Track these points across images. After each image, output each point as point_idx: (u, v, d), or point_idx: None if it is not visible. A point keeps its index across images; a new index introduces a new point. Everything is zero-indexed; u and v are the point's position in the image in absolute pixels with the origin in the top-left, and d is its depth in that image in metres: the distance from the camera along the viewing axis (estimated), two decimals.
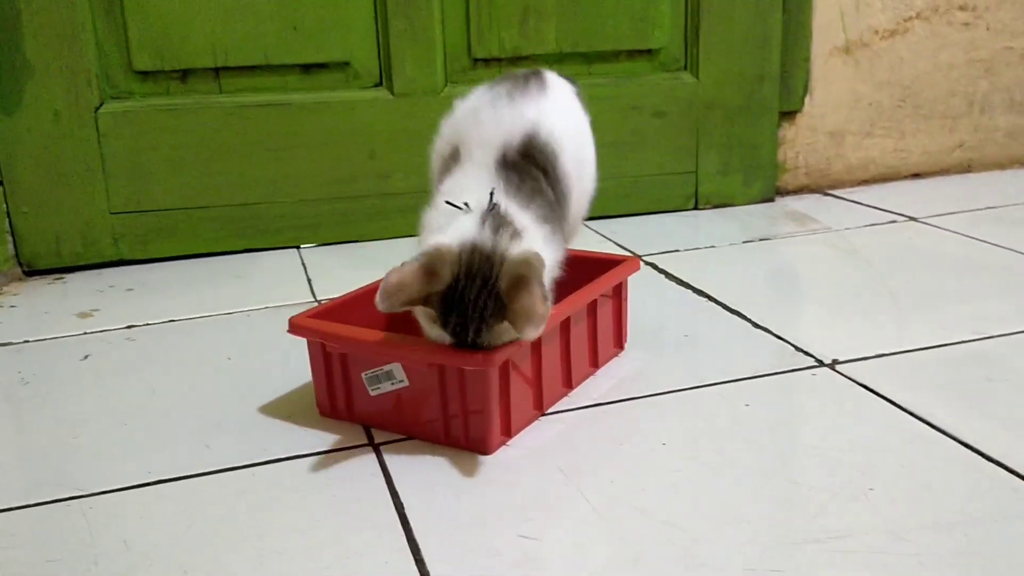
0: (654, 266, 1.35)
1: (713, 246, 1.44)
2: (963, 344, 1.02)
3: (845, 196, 1.71)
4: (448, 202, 0.84)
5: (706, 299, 1.19)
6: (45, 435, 0.92)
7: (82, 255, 1.46)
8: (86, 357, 1.12)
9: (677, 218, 1.63)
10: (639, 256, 1.40)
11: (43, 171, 1.42)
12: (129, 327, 1.21)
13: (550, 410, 0.90)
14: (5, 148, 1.40)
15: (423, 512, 0.75)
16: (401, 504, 0.76)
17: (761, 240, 1.46)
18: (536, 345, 0.86)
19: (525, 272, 0.75)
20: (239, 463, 0.84)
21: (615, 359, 1.02)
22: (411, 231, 1.52)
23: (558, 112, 0.92)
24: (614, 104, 1.59)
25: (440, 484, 0.79)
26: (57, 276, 1.45)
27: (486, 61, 1.55)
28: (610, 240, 1.50)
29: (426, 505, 0.76)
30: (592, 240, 1.50)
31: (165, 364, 1.08)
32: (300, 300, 1.27)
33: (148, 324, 1.22)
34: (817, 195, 1.73)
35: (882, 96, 1.73)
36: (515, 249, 0.78)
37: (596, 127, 1.38)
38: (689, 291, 1.23)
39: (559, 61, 1.57)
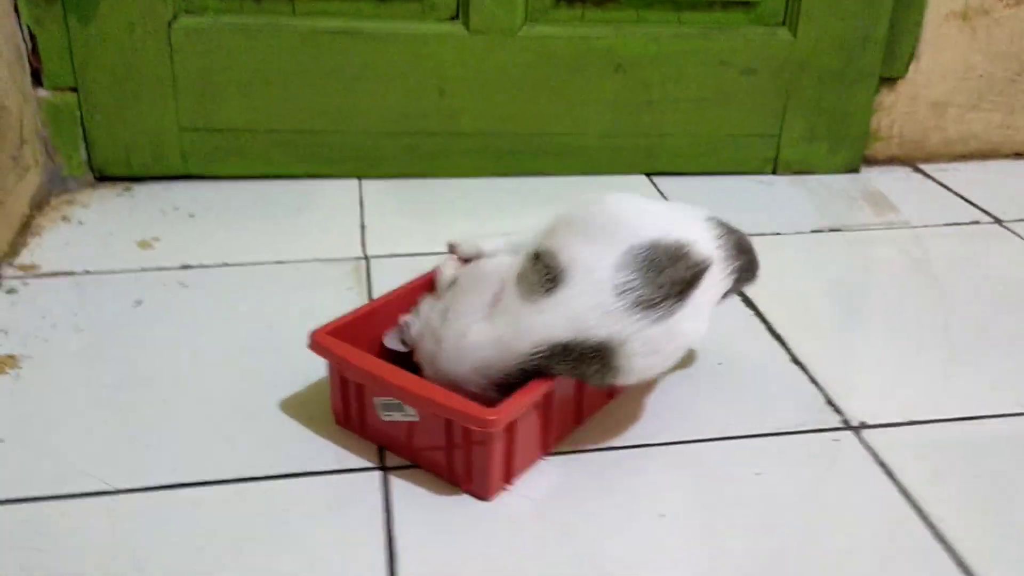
0: None
1: (778, 233, 1.39)
2: (1006, 418, 0.98)
3: (936, 175, 1.61)
4: None
5: (754, 313, 1.16)
6: (83, 409, 0.97)
7: (151, 167, 1.49)
8: (139, 303, 1.16)
9: (751, 185, 1.56)
10: None
11: (116, 82, 1.43)
12: (184, 267, 1.24)
13: (556, 449, 0.91)
14: (80, 55, 1.41)
15: (412, 554, 0.78)
16: (392, 542, 0.79)
17: (831, 231, 1.40)
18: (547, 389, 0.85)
19: None
20: (255, 473, 0.88)
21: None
22: (477, 172, 1.53)
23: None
24: (701, 58, 1.50)
25: (436, 523, 0.82)
26: (126, 186, 1.48)
27: (570, 1, 1.47)
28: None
29: (417, 546, 0.79)
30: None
31: (210, 324, 1.12)
32: (350, 255, 1.28)
33: (202, 266, 1.25)
34: (907, 169, 1.64)
35: (995, 68, 1.59)
36: None
37: (679, 81, 1.31)
38: (740, 297, 1.20)
39: (647, 6, 1.48)
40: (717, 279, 0.87)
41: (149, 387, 1.00)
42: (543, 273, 0.85)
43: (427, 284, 1.01)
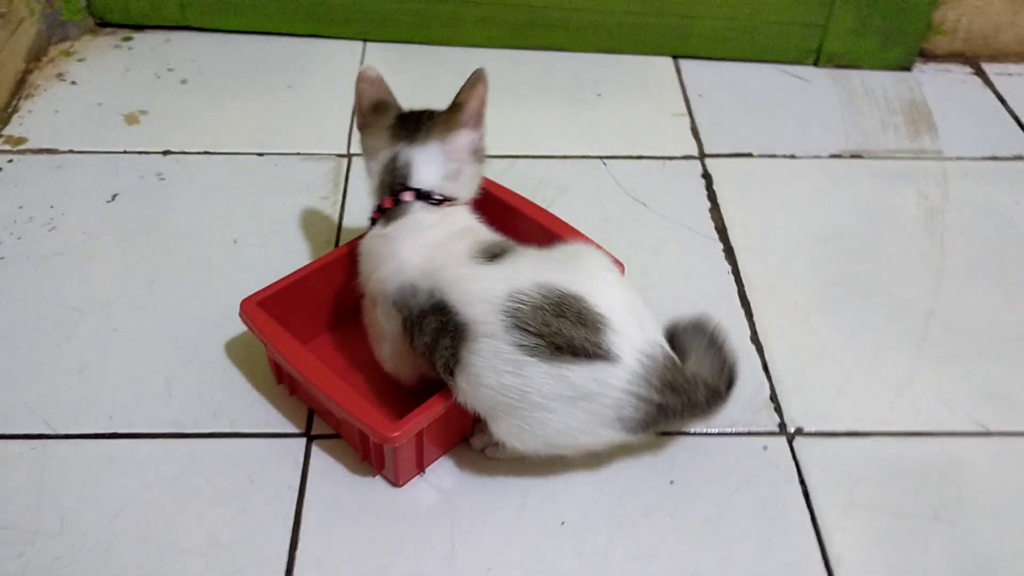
0: (708, 178, 1.23)
1: (792, 156, 1.28)
2: (955, 437, 0.94)
3: (997, 80, 1.44)
4: None
5: (731, 270, 1.11)
6: (38, 335, 1.01)
7: (150, 16, 1.44)
8: (114, 198, 1.17)
9: (785, 79, 1.43)
10: (703, 153, 1.27)
11: None
12: (165, 153, 1.23)
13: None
14: None
15: (315, 535, 0.82)
16: (299, 520, 0.84)
17: (852, 157, 1.29)
18: None
19: None
20: (185, 429, 0.91)
21: None
22: (488, 42, 1.43)
23: None
24: None
25: (346, 504, 0.85)
26: (125, 35, 1.44)
27: None
28: (687, 103, 1.35)
29: (322, 527, 0.83)
30: (667, 96, 1.36)
31: (177, 233, 1.12)
32: (333, 150, 1.25)
33: (183, 153, 1.23)
34: (966, 70, 1.47)
35: None
36: None
37: None
38: (720, 247, 1.14)
39: None
40: (613, 382, 0.77)
41: (104, 311, 1.03)
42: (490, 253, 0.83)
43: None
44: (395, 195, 0.87)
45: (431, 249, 0.84)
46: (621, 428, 0.80)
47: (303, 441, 0.91)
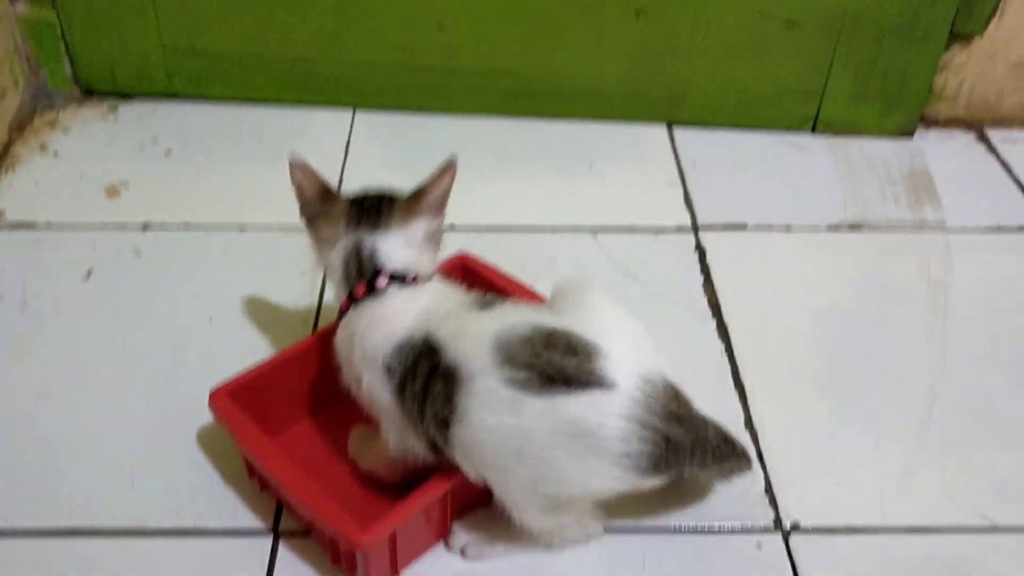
0: (701, 251, 1.20)
1: (788, 228, 1.25)
2: (961, 534, 0.89)
3: (1002, 147, 1.41)
4: None
5: (724, 348, 1.07)
6: (3, 419, 0.97)
7: (137, 85, 1.42)
8: (89, 275, 1.13)
9: (781, 147, 1.40)
10: (696, 225, 1.24)
11: None
12: (144, 227, 1.20)
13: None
14: None
15: None
16: None
17: (851, 229, 1.25)
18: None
19: None
20: (147, 525, 0.87)
21: None
22: (476, 109, 1.41)
23: None
24: (738, 7, 1.31)
25: None
26: (112, 104, 1.42)
27: None
28: (680, 172, 1.32)
29: None
30: (660, 165, 1.33)
31: (152, 311, 1.09)
32: None
33: (163, 227, 1.21)
34: (970, 136, 1.43)
35: None
36: None
37: (709, 31, 1.26)
38: (713, 324, 1.09)
39: None
40: (611, 409, 0.73)
41: (70, 395, 0.99)
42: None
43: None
44: (368, 281, 0.84)
45: (420, 311, 0.81)
46: (630, 465, 0.74)
47: (268, 541, 0.86)
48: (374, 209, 0.84)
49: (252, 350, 0.91)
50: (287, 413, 0.93)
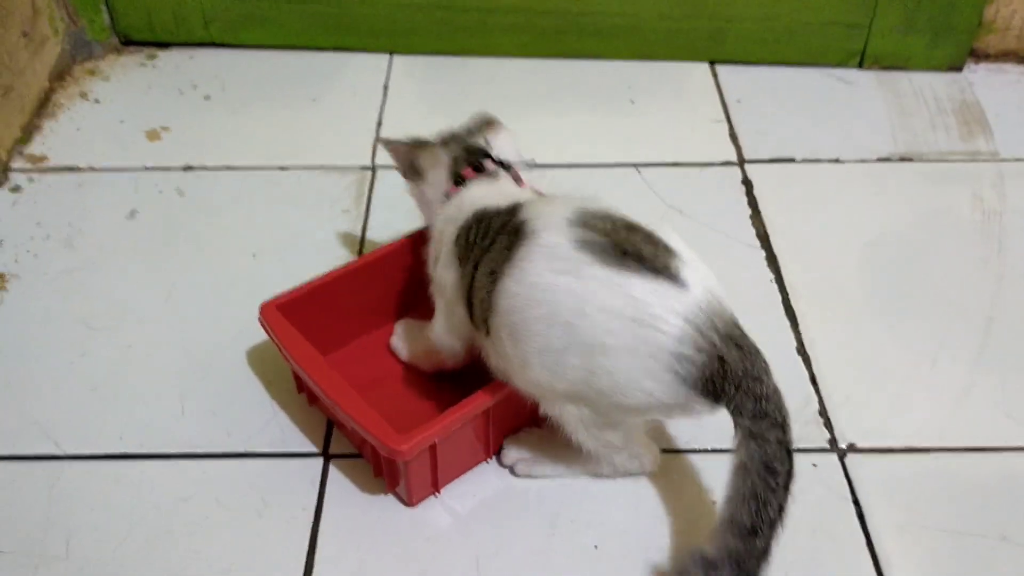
0: (748, 184, 1.17)
1: (838, 160, 1.22)
2: (1019, 454, 0.87)
3: None
4: None
5: (774, 278, 1.05)
6: (53, 354, 0.97)
7: (175, 33, 1.42)
8: (133, 215, 1.14)
9: (828, 82, 1.37)
10: (743, 159, 1.21)
11: None
12: (186, 168, 1.20)
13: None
14: None
15: (330, 561, 0.78)
16: (315, 544, 0.79)
17: (901, 160, 1.22)
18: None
19: None
20: (197, 449, 0.87)
21: None
22: (516, 51, 1.39)
23: None
24: None
25: (360, 526, 0.81)
26: (150, 53, 1.42)
27: None
28: (724, 108, 1.30)
29: (337, 552, 0.79)
30: (704, 102, 1.30)
31: (196, 247, 1.09)
32: (357, 162, 1.21)
33: (204, 168, 1.20)
34: (1022, 68, 1.39)
35: None
36: None
37: None
38: (763, 255, 1.07)
39: None
40: (676, 306, 0.70)
41: (119, 327, 0.99)
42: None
43: (389, 255, 0.94)
44: (474, 166, 0.87)
45: (513, 192, 0.85)
46: (680, 374, 0.70)
47: (320, 461, 0.86)
48: (465, 131, 0.91)
49: (294, 283, 0.90)
50: (336, 333, 0.93)
